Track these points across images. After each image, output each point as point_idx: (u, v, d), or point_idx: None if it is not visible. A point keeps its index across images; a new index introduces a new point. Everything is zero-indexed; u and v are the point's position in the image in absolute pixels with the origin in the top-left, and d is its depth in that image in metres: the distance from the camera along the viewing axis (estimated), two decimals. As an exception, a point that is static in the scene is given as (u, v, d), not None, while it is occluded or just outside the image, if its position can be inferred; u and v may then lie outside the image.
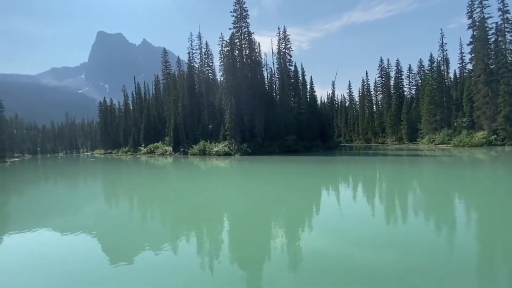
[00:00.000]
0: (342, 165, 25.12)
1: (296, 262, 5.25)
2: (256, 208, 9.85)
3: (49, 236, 7.67)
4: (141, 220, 9.51)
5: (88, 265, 5.45)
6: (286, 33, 46.66)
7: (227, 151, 40.12)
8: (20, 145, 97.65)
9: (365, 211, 8.79)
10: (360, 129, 73.61)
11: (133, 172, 28.55)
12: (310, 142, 43.82)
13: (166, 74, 62.61)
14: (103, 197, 15.24)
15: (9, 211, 12.15)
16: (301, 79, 50.48)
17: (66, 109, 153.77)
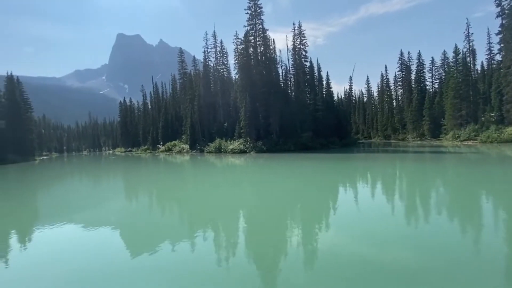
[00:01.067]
0: (360, 162, 24.48)
1: (312, 260, 5.16)
2: (271, 205, 9.80)
3: (75, 230, 8.05)
4: (160, 216, 9.75)
5: (109, 258, 5.66)
6: (301, 28, 45.95)
7: (242, 148, 40.29)
8: (48, 144, 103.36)
9: (384, 210, 8.50)
10: (379, 125, 71.34)
11: (152, 169, 29.39)
12: (326, 139, 43.05)
13: (182, 73, 63.75)
14: (125, 193, 15.80)
15: (38, 205, 12.91)
16: (317, 75, 49.59)
17: (89, 109, 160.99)
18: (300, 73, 45.96)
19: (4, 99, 48.31)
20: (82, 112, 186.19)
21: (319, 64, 50.44)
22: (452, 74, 47.43)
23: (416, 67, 62.16)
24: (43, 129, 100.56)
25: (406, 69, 65.51)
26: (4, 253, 6.44)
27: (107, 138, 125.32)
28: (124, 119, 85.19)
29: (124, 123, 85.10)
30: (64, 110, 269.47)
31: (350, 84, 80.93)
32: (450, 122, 46.50)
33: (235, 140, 42.84)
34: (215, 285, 4.38)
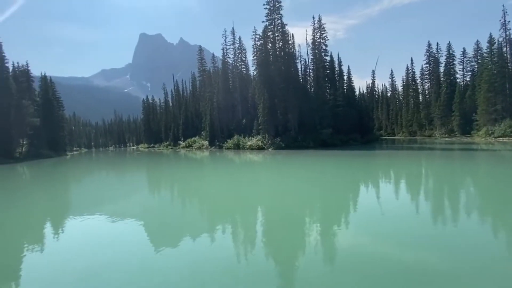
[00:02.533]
0: (382, 159, 23.55)
1: (330, 258, 5.04)
2: (290, 201, 9.70)
3: (103, 221, 8.50)
4: (181, 210, 10.01)
5: (133, 248, 5.90)
6: (321, 22, 44.77)
7: (260, 145, 40.28)
8: (78, 140, 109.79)
9: (407, 209, 8.10)
10: (404, 121, 68.13)
11: (174, 165, 30.27)
12: (347, 136, 41.87)
13: (201, 71, 64.67)
14: (148, 187, 16.43)
15: (70, 197, 13.77)
16: (338, 69, 48.22)
17: (114, 107, 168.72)
18: (319, 68, 44.91)
19: (39, 99, 51.82)
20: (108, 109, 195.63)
21: (339, 58, 49.02)
22: (486, 65, 44.04)
23: (445, 59, 58.44)
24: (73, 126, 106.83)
25: (434, 61, 61.80)
26: (41, 239, 6.93)
27: (131, 135, 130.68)
28: (147, 117, 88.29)
29: (147, 120, 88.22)
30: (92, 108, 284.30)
31: (373, 78, 77.74)
32: (483, 117, 43.35)
33: (253, 137, 42.90)
34: (234, 280, 4.41)
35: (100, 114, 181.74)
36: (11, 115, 39.40)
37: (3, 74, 40.09)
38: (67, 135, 66.04)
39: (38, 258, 5.88)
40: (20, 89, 43.29)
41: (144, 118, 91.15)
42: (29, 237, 7.39)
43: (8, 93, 39.34)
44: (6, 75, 40.55)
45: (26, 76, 49.17)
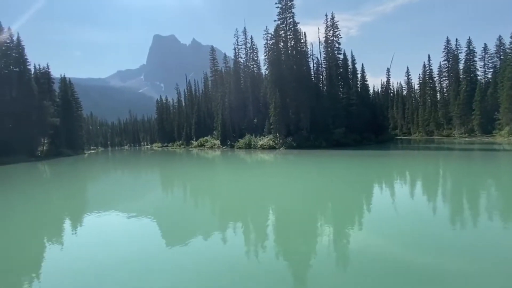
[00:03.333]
0: (397, 160, 22.90)
1: (343, 259, 4.93)
2: (302, 201, 9.60)
3: (118, 218, 8.73)
4: (193, 208, 10.13)
5: (147, 245, 6.01)
6: (334, 19, 44.06)
7: (271, 144, 40.16)
8: (95, 139, 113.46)
9: (423, 211, 7.81)
10: (420, 120, 65.99)
11: (187, 164, 30.71)
12: (360, 135, 41.02)
13: (213, 71, 65.22)
14: (162, 185, 16.75)
15: (88, 194, 14.24)
16: (351, 67, 47.31)
17: (129, 107, 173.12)
18: (332, 66, 44.22)
19: (58, 99, 53.96)
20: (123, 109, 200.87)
21: (353, 56, 48.03)
22: (510, 61, 41.89)
23: (465, 56, 56.04)
24: (91, 125, 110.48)
25: (453, 58, 59.43)
26: (60, 234, 7.20)
27: (145, 134, 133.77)
28: (160, 116, 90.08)
29: (160, 120, 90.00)
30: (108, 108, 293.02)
31: (388, 76, 75.79)
32: (506, 116, 41.29)
33: (265, 136, 42.84)
34: (245, 280, 4.40)
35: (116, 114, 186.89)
36: (33, 116, 41.24)
37: (26, 76, 41.99)
38: (84, 135, 68.45)
39: (56, 251, 6.11)
40: (41, 90, 45.21)
41: (157, 118, 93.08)
42: (49, 231, 7.69)
43: (31, 94, 41.18)
44: (28, 77, 42.45)
45: (46, 77, 51.29)
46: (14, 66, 41.22)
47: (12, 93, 39.89)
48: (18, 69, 41.33)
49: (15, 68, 41.17)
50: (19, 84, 40.48)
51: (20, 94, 40.09)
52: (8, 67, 40.74)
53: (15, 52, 41.71)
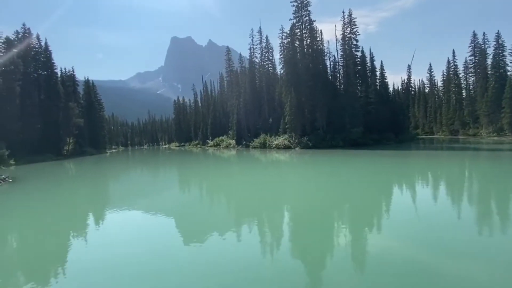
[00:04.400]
0: (418, 160, 21.92)
1: (359, 262, 4.73)
2: (317, 202, 9.39)
3: (137, 214, 8.98)
4: (209, 207, 10.21)
5: (162, 242, 6.11)
6: (351, 16, 42.94)
7: (287, 144, 39.84)
8: (116, 139, 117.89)
9: (444, 214, 7.37)
10: (444, 119, 62.90)
11: (203, 163, 31.17)
12: (379, 135, 39.73)
13: (229, 71, 65.73)
14: (179, 183, 17.08)
15: (110, 191, 14.79)
16: (369, 65, 45.94)
17: (148, 108, 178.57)
18: (350, 64, 43.13)
19: (83, 101, 56.61)
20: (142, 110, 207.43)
21: (371, 53, 46.63)
22: (546, 55, 38.84)
23: (493, 50, 52.67)
24: (112, 126, 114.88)
25: (481, 53, 56.07)
26: (84, 228, 7.50)
27: (163, 134, 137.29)
28: (178, 116, 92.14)
29: (178, 120, 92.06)
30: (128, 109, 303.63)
31: (409, 73, 72.66)
32: (541, 114, 38.39)
33: (280, 136, 42.57)
34: (260, 280, 4.33)
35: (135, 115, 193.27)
36: (60, 117, 43.51)
37: (53, 79, 44.38)
38: (106, 134, 71.27)
39: (80, 244, 6.35)
40: (67, 92, 47.60)
41: (175, 118, 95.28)
42: (74, 225, 8.03)
43: (57, 96, 43.48)
44: (55, 81, 44.84)
45: (72, 80, 53.92)
46: (42, 70, 43.69)
47: (41, 95, 42.30)
48: (46, 73, 43.77)
49: (43, 72, 43.63)
50: (47, 87, 42.86)
51: (48, 97, 42.43)
52: (37, 71, 43.23)
53: (43, 56, 44.20)
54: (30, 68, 41.89)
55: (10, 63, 36.83)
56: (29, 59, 41.43)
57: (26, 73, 40.02)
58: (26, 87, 39.21)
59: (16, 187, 15.46)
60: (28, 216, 9.55)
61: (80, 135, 49.57)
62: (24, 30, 42.58)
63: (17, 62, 37.53)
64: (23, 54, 39.91)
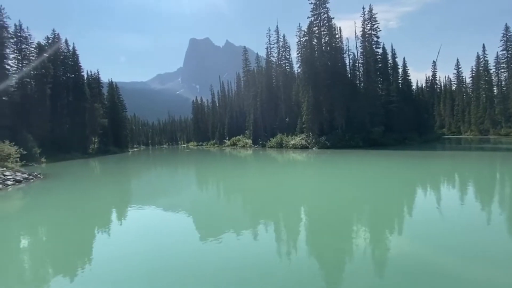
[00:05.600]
0: (444, 161, 20.76)
1: (378, 267, 4.51)
2: (336, 203, 9.14)
3: (157, 212, 9.22)
4: (226, 206, 10.27)
5: (180, 239, 6.20)
6: (372, 12, 41.62)
7: (304, 144, 39.32)
8: (137, 138, 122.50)
9: (472, 218, 6.87)
10: (473, 118, 59.32)
11: (220, 162, 31.53)
12: (402, 135, 38.18)
13: (246, 71, 66.01)
14: (197, 182, 17.38)
15: (132, 189, 15.33)
16: (391, 62, 44.31)
17: (167, 108, 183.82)
18: (370, 61, 41.79)
19: (106, 102, 59.25)
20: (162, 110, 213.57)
21: (393, 50, 44.93)
22: None
23: (529, 43, 48.92)
24: (134, 126, 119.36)
25: (515, 47, 52.29)
26: (107, 224, 7.81)
27: (182, 133, 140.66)
28: (196, 116, 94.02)
29: (196, 120, 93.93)
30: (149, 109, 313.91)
31: (434, 70, 69.26)
32: None
33: (297, 135, 42.11)
34: (276, 282, 4.26)
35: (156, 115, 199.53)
36: (86, 117, 45.82)
37: (80, 82, 46.81)
38: (128, 134, 74.14)
39: (103, 238, 6.61)
40: (93, 94, 50.02)
41: (193, 118, 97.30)
42: (98, 220, 8.38)
43: (84, 98, 45.81)
44: (82, 83, 47.27)
45: (97, 82, 56.57)
46: (70, 73, 46.22)
47: (69, 97, 44.76)
48: (73, 76, 46.26)
49: (71, 75, 46.14)
50: (74, 89, 45.27)
51: (75, 98, 44.81)
52: (66, 74, 45.79)
53: (71, 60, 46.75)
54: (60, 72, 44.42)
55: (42, 67, 39.28)
56: (58, 63, 43.97)
57: (56, 76, 42.48)
58: (56, 89, 41.65)
59: (47, 183, 16.43)
60: (57, 210, 10.09)
61: (104, 134, 51.90)
62: (53, 36, 45.28)
63: (47, 66, 39.95)
64: (53, 58, 42.42)
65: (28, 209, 10.94)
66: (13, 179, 15.63)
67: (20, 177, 16.36)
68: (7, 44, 37.16)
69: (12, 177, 15.87)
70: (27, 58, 40.07)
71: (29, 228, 8.21)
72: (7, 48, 37.42)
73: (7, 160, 18.30)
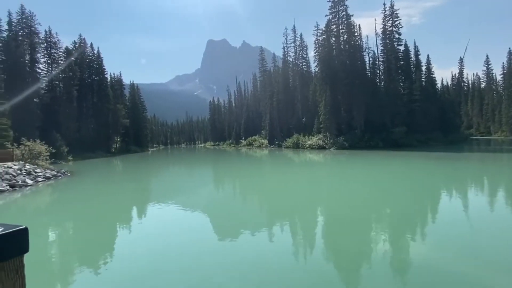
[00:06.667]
0: (473, 164, 19.54)
1: (398, 272, 4.28)
2: (353, 205, 8.86)
3: (175, 210, 9.41)
4: (242, 205, 10.29)
5: (199, 237, 6.27)
6: (393, 8, 40.16)
7: (321, 144, 38.65)
8: (157, 138, 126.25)
9: (504, 227, 6.36)
10: (504, 117, 55.59)
11: (236, 161, 31.72)
12: (425, 135, 36.52)
13: (262, 71, 66.01)
14: (214, 181, 17.58)
15: (151, 187, 15.78)
16: (414, 59, 42.53)
17: (185, 109, 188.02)
18: (391, 59, 40.36)
19: (128, 102, 61.54)
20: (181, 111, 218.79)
21: (416, 47, 43.11)
22: None
23: None
24: (154, 126, 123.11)
25: (554, 40, 48.28)
26: (127, 220, 8.08)
27: (199, 133, 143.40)
28: (213, 117, 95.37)
29: (213, 120, 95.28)
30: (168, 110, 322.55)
31: (461, 67, 65.56)
32: None
33: (314, 136, 41.49)
34: (293, 283, 4.18)
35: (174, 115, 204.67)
36: (109, 117, 47.85)
37: (104, 84, 48.97)
38: (149, 134, 76.55)
39: (125, 233, 6.84)
40: (115, 95, 52.13)
41: (210, 118, 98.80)
42: (120, 216, 8.69)
43: (107, 99, 47.88)
44: (105, 85, 49.44)
45: (119, 84, 58.92)
46: (95, 75, 48.50)
47: (94, 98, 46.97)
48: (98, 78, 48.49)
49: (95, 77, 48.41)
50: (99, 91, 47.45)
51: (100, 99, 46.96)
52: (91, 77, 48.10)
53: (96, 63, 49.03)
54: (85, 74, 46.73)
55: (69, 70, 41.51)
56: (84, 66, 46.28)
57: (82, 79, 44.74)
58: (82, 91, 43.85)
59: (73, 180, 17.32)
60: (82, 205, 10.59)
61: (126, 134, 53.92)
62: (80, 40, 47.67)
63: (74, 69, 42.16)
64: (79, 62, 44.71)
65: (56, 204, 11.56)
66: (43, 176, 16.60)
67: (49, 174, 17.35)
68: (38, 49, 39.66)
69: (42, 174, 16.86)
70: (56, 61, 42.49)
71: (56, 221, 8.67)
72: (38, 53, 39.94)
73: (38, 158, 19.49)
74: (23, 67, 36.33)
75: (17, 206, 11.09)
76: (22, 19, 38.01)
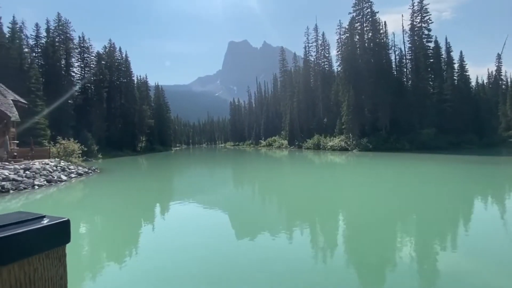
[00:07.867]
0: (509, 169, 17.95)
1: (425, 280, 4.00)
2: (377, 211, 8.48)
3: (196, 208, 9.62)
4: (262, 205, 10.27)
5: (218, 235, 6.34)
6: (422, 3, 38.15)
7: (343, 146, 37.61)
8: (180, 138, 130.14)
9: None
10: (549, 118, 50.59)
11: (256, 162, 31.81)
12: (457, 137, 34.25)
13: (283, 71, 65.68)
14: (234, 181, 17.75)
15: (174, 185, 16.28)
16: (445, 56, 40.08)
17: (207, 110, 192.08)
18: (420, 56, 38.35)
19: (153, 104, 64.05)
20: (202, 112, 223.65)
21: (448, 43, 40.54)
22: None
23: None
24: (176, 126, 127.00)
25: None
26: (151, 218, 8.39)
27: (220, 133, 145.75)
28: (233, 117, 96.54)
29: (233, 120, 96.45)
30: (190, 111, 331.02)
31: (499, 64, 60.66)
32: None
33: (336, 137, 40.48)
34: (310, 285, 4.08)
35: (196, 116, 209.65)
36: (136, 118, 50.11)
37: (131, 86, 51.39)
38: (172, 134, 79.13)
39: (147, 230, 7.10)
40: (141, 96, 54.51)
41: (230, 118, 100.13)
42: (145, 213, 9.04)
43: (134, 100, 50.18)
44: (132, 87, 51.86)
45: (145, 86, 61.49)
46: (123, 78, 51.04)
47: (121, 99, 49.44)
48: (125, 80, 50.98)
49: (123, 80, 50.93)
50: (126, 92, 49.87)
51: (127, 100, 49.33)
52: (119, 79, 50.68)
53: (123, 66, 51.59)
54: (114, 77, 49.32)
55: (100, 73, 44.04)
56: (113, 69, 48.87)
57: (111, 81, 47.26)
58: (111, 93, 46.33)
59: (102, 177, 18.32)
60: (111, 200, 11.16)
61: (151, 134, 56.14)
62: (110, 45, 50.39)
63: (104, 72, 44.66)
64: (109, 65, 47.28)
65: (87, 199, 12.28)
66: (76, 172, 17.72)
67: (81, 171, 18.49)
68: (72, 54, 42.49)
69: (75, 170, 18.01)
70: (88, 65, 45.30)
71: (87, 214, 9.20)
72: (73, 57, 42.79)
73: (72, 155, 20.86)
74: (59, 71, 39.09)
75: (54, 200, 11.92)
76: (59, 26, 40.93)
